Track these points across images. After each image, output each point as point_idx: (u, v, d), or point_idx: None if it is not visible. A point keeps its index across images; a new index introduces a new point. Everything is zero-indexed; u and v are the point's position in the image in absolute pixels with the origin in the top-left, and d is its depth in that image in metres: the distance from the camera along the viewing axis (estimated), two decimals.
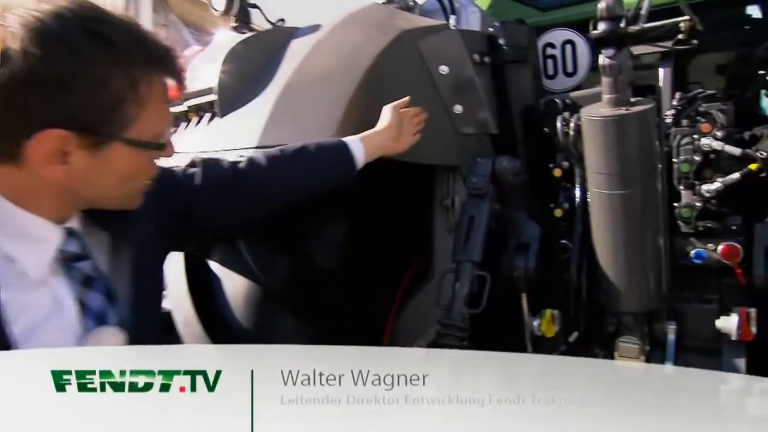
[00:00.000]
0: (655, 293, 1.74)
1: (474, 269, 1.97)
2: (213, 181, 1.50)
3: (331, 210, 2.16)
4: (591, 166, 1.66)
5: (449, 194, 2.32)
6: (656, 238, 1.68)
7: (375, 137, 1.77)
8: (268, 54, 2.18)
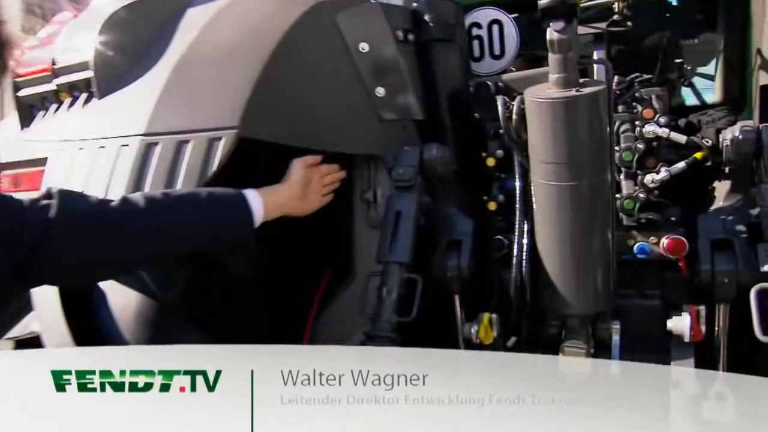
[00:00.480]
0: (603, 293, 1.59)
1: (403, 271, 1.75)
2: (71, 219, 1.26)
3: None
4: (536, 154, 1.47)
5: (371, 187, 2.09)
6: (605, 233, 1.53)
7: (278, 193, 1.60)
8: (158, 23, 1.84)
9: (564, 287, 1.57)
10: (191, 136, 1.57)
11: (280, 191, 1.61)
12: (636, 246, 1.77)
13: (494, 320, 1.79)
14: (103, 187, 1.55)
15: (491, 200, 1.94)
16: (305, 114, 1.83)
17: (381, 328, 1.69)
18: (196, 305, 1.70)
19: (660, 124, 1.72)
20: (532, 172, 1.53)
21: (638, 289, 1.87)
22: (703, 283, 1.64)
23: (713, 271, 1.62)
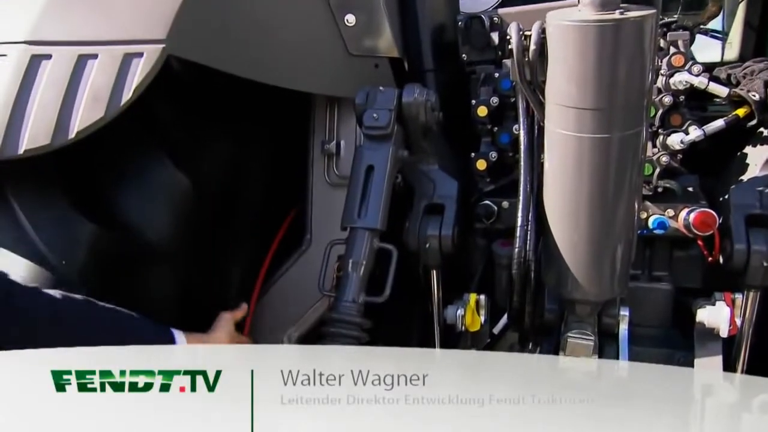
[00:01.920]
0: (621, 276, 1.30)
1: (374, 240, 1.41)
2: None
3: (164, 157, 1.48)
4: (556, 97, 1.15)
5: (334, 136, 1.76)
6: (632, 202, 1.23)
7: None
8: None
9: (576, 266, 1.27)
10: (99, 50, 1.16)
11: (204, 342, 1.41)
12: (652, 220, 1.48)
13: (482, 303, 1.49)
14: None
15: (480, 158, 1.61)
16: (256, 38, 1.47)
17: (345, 310, 1.35)
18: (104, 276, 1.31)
19: (692, 73, 1.42)
20: (547, 120, 1.21)
21: (644, 270, 1.60)
22: (734, 266, 1.37)
23: (748, 252, 1.35)
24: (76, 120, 1.14)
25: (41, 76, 1.15)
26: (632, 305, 1.51)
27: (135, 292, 1.32)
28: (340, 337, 1.34)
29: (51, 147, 1.13)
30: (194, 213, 1.50)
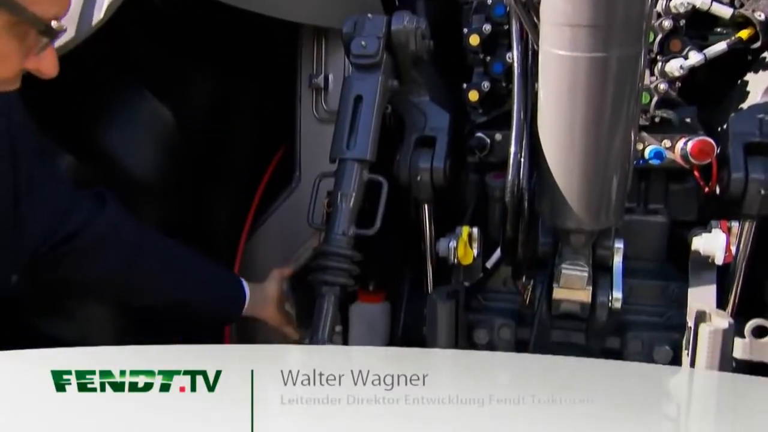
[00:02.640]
0: (617, 205, 1.27)
1: (364, 171, 1.37)
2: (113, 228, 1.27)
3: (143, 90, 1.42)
4: (552, 13, 1.09)
5: (322, 70, 1.70)
6: (630, 127, 1.19)
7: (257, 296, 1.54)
8: None
9: (571, 195, 1.24)
10: None
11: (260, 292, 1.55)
12: (649, 150, 1.45)
13: (474, 235, 1.46)
14: None
15: (472, 89, 1.56)
16: None
17: (335, 242, 1.33)
18: None
19: None
20: (542, 42, 1.15)
21: (640, 203, 1.57)
22: (731, 195, 1.35)
23: (746, 180, 1.32)
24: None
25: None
26: (627, 238, 1.49)
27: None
28: (330, 269, 1.32)
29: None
30: (178, 147, 1.46)
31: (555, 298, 1.43)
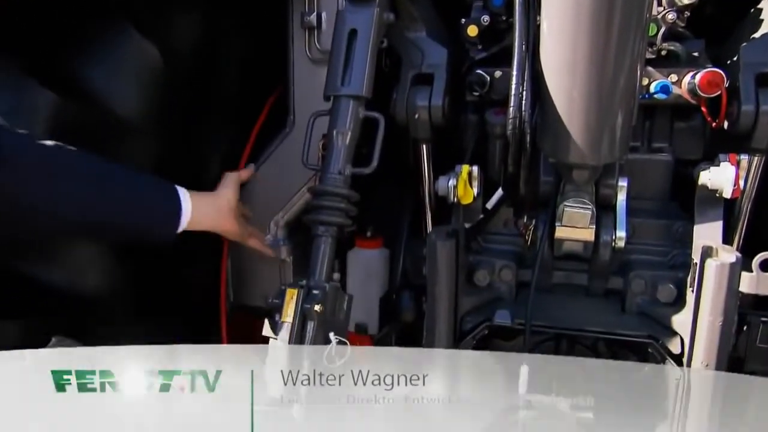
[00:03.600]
0: (622, 139, 1.23)
1: (359, 108, 1.32)
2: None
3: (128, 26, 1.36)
4: None
5: (314, 7, 1.63)
6: (637, 57, 1.13)
7: (208, 203, 1.38)
8: None
9: (574, 128, 1.19)
10: None
11: (210, 201, 1.39)
12: (655, 84, 1.39)
13: (474, 174, 1.42)
14: None
15: (471, 23, 1.49)
16: None
17: (331, 181, 1.29)
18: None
19: None
20: None
21: (644, 141, 1.53)
22: (740, 129, 1.30)
23: (757, 112, 1.27)
24: None
25: None
26: (631, 177, 1.45)
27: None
28: (326, 209, 1.28)
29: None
30: (166, 87, 1.41)
31: (557, 237, 1.40)
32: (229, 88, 1.70)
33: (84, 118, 1.26)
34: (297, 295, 1.21)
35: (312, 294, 1.20)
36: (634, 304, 1.42)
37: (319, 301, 1.19)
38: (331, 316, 1.25)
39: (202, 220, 1.33)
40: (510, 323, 1.40)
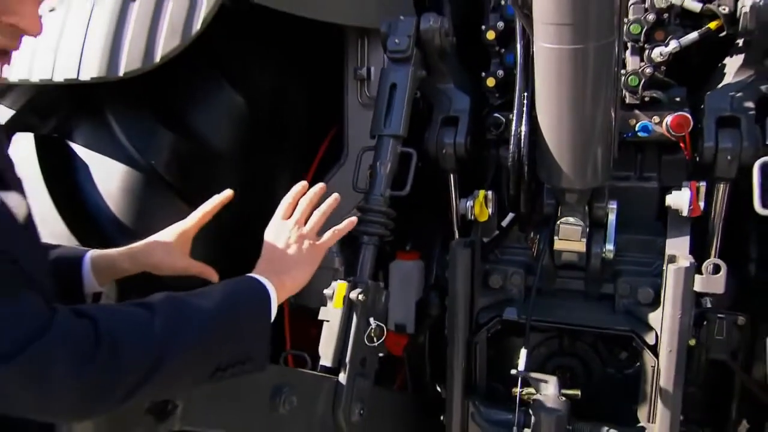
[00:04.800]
0: (602, 168, 1.55)
1: (397, 145, 1.69)
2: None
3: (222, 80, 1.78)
4: (540, 14, 1.38)
5: (364, 62, 2.00)
6: (609, 104, 1.46)
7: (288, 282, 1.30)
8: None
9: (563, 160, 1.52)
10: None
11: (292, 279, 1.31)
12: (638, 125, 1.71)
13: (489, 197, 1.76)
14: (77, 49, 1.45)
15: (490, 76, 1.85)
16: None
17: (374, 201, 1.65)
18: (180, 175, 1.65)
19: None
20: (535, 37, 1.44)
21: (637, 171, 1.83)
22: (705, 161, 1.60)
23: (716, 149, 1.57)
24: (159, 48, 1.44)
25: (131, 13, 1.45)
26: (624, 201, 1.75)
27: (205, 188, 1.64)
28: (370, 222, 1.64)
29: (142, 70, 1.45)
30: (248, 125, 1.81)
31: (556, 249, 1.72)
32: (296, 127, 2.09)
33: (190, 150, 1.67)
34: (345, 287, 1.57)
35: (357, 287, 1.56)
36: (621, 304, 1.71)
37: (362, 292, 1.55)
38: (372, 305, 1.60)
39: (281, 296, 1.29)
40: (516, 318, 1.71)
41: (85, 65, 1.44)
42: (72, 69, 1.45)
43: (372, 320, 1.59)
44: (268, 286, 1.23)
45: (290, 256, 1.32)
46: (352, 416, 1.54)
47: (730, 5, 1.57)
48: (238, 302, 1.20)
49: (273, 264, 1.30)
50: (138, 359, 1.03)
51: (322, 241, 1.37)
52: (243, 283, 1.23)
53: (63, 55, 1.46)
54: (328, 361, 1.54)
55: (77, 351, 0.98)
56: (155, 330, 1.07)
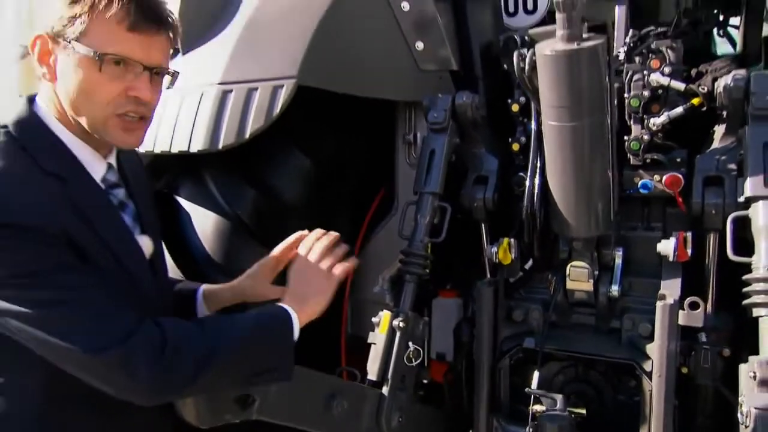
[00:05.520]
0: (603, 220, 1.86)
1: (435, 200, 2.06)
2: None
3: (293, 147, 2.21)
4: (545, 99, 1.73)
5: (411, 129, 2.38)
6: (604, 167, 1.78)
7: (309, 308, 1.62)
8: None
9: (569, 214, 1.84)
10: (259, 84, 1.92)
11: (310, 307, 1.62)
12: (640, 182, 2.01)
13: (512, 244, 2.09)
14: (189, 128, 1.93)
15: (515, 142, 2.20)
16: (354, 66, 2.14)
17: (415, 246, 2.01)
18: (259, 223, 2.07)
19: (663, 74, 1.93)
20: (543, 115, 1.79)
21: (642, 221, 2.12)
22: (694, 214, 1.88)
23: (703, 204, 1.85)
24: (248, 127, 1.90)
25: (228, 102, 1.92)
26: (631, 248, 2.04)
27: (279, 235, 2.02)
28: (412, 264, 2.00)
29: (235, 144, 1.90)
30: (313, 183, 2.22)
31: (568, 288, 2.02)
32: (354, 183, 2.49)
33: (267, 203, 2.10)
34: (389, 316, 1.93)
35: (399, 316, 1.92)
36: (625, 337, 1.98)
37: (403, 320, 1.90)
38: (411, 331, 1.94)
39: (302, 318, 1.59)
40: (533, 347, 2.02)
41: (194, 140, 1.91)
42: (184, 143, 1.92)
43: (411, 344, 1.94)
44: (291, 313, 1.56)
45: (310, 287, 1.64)
46: (392, 423, 1.88)
47: (708, 86, 1.88)
48: (266, 324, 1.53)
49: (296, 295, 1.62)
50: (191, 361, 1.38)
51: (333, 276, 1.67)
52: (273, 309, 1.57)
53: (178, 132, 1.94)
54: (374, 376, 1.89)
55: (151, 351, 1.34)
56: (204, 341, 1.42)
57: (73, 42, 1.37)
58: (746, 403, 1.44)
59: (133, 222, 1.56)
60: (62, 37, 1.38)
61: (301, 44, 1.95)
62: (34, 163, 1.38)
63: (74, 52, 1.38)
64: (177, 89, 1.97)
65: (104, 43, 1.37)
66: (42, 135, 1.43)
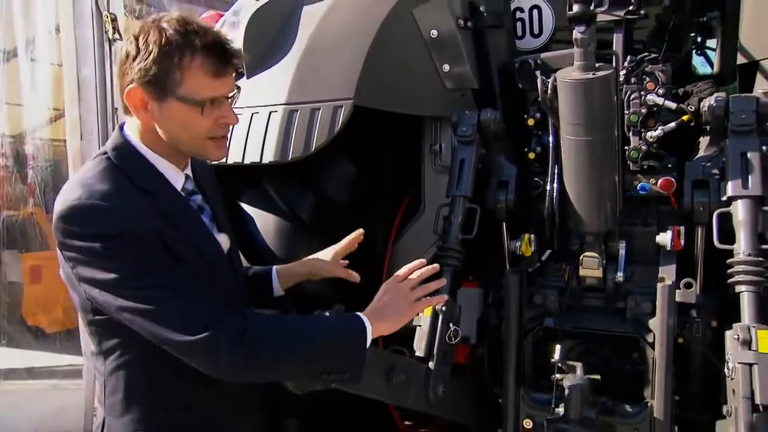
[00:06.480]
0: (611, 217, 2.22)
1: (466, 202, 2.40)
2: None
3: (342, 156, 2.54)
4: (564, 117, 2.08)
5: (437, 141, 2.72)
6: (613, 174, 2.15)
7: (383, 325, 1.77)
8: (283, 19, 2.50)
9: (583, 212, 2.21)
10: (321, 105, 2.25)
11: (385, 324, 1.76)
12: (638, 185, 2.38)
13: (532, 239, 2.44)
14: (260, 142, 2.25)
15: (531, 151, 2.55)
16: (397, 86, 2.48)
17: (450, 241, 2.35)
18: (316, 223, 2.40)
19: (658, 94, 2.31)
20: (561, 130, 2.15)
21: (641, 218, 2.49)
22: (685, 212, 2.26)
23: (692, 203, 2.23)
24: (313, 141, 2.22)
25: (294, 120, 2.24)
26: (632, 240, 2.41)
27: (331, 231, 2.28)
28: (448, 257, 2.34)
29: (303, 156, 2.23)
30: (357, 187, 2.55)
31: (581, 275, 2.38)
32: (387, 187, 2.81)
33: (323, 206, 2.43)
34: None
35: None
36: (630, 315, 2.35)
37: (444, 304, 2.23)
38: (450, 314, 2.28)
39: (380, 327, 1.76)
40: (553, 325, 2.38)
41: (265, 153, 2.23)
42: (256, 155, 2.24)
43: (451, 325, 2.28)
44: (367, 324, 1.70)
45: (392, 307, 1.76)
46: (438, 392, 2.21)
47: (695, 105, 2.26)
48: (343, 330, 1.71)
49: (377, 309, 1.76)
50: (268, 351, 1.57)
51: (416, 306, 1.82)
52: (351, 317, 1.73)
53: (250, 146, 2.26)
54: (421, 352, 2.20)
55: (233, 339, 1.53)
56: (282, 336, 1.61)
57: (171, 94, 1.59)
58: (732, 359, 1.81)
59: (210, 222, 1.79)
60: (158, 87, 1.58)
61: (354, 69, 2.28)
62: (130, 182, 1.61)
63: (176, 100, 1.59)
64: (244, 109, 2.30)
65: (199, 90, 1.60)
66: (133, 157, 1.67)
